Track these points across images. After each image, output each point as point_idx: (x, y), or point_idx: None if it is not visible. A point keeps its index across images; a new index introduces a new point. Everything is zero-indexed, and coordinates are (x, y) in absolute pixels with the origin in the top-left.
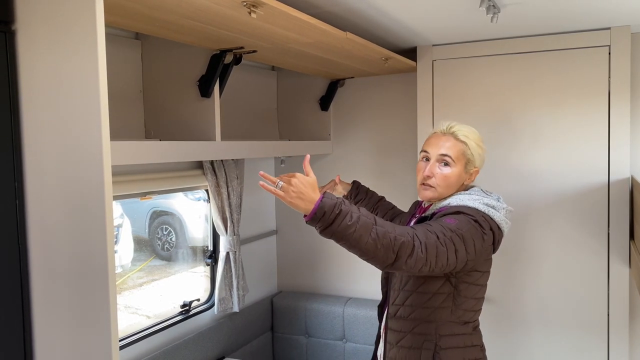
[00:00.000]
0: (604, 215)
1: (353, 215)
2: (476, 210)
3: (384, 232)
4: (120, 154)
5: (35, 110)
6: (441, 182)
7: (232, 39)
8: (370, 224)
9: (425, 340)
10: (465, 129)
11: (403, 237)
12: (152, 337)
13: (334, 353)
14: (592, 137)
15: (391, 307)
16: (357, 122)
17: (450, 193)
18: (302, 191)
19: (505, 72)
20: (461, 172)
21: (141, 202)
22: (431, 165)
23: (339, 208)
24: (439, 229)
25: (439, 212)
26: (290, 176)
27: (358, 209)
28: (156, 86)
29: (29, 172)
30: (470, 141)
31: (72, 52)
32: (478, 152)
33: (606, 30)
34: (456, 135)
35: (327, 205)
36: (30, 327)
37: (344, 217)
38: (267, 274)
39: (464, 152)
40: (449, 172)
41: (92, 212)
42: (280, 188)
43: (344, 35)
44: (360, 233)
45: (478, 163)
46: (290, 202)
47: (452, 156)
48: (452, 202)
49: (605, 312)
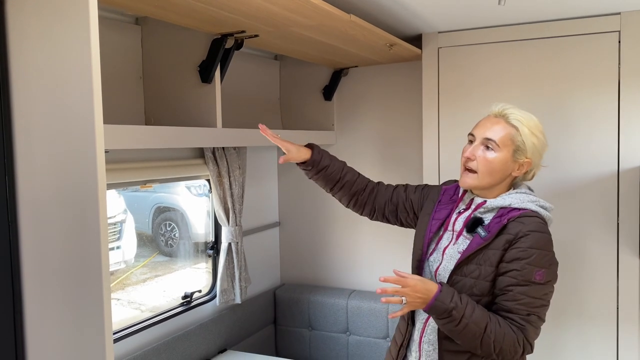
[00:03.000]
0: (613, 204)
1: (461, 322)
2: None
3: (489, 342)
4: (118, 138)
5: (25, 87)
6: (483, 166)
7: (233, 22)
8: (478, 333)
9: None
10: (522, 113)
11: (509, 345)
12: (154, 328)
13: (338, 346)
14: (601, 126)
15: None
16: (361, 112)
17: (494, 182)
18: (419, 291)
19: (511, 60)
20: (507, 159)
21: (145, 198)
22: (474, 147)
23: (448, 314)
24: (539, 309)
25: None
26: (404, 285)
27: (472, 313)
28: (156, 72)
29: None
30: (523, 127)
31: (63, 23)
32: (532, 141)
33: (616, 16)
34: (507, 118)
35: (439, 309)
36: (21, 312)
37: (450, 322)
38: (270, 266)
39: (513, 137)
40: (492, 157)
41: (85, 195)
42: (405, 303)
43: (348, 18)
44: (463, 337)
45: (530, 153)
46: (415, 306)
47: (497, 140)
48: (513, 203)
49: (614, 302)
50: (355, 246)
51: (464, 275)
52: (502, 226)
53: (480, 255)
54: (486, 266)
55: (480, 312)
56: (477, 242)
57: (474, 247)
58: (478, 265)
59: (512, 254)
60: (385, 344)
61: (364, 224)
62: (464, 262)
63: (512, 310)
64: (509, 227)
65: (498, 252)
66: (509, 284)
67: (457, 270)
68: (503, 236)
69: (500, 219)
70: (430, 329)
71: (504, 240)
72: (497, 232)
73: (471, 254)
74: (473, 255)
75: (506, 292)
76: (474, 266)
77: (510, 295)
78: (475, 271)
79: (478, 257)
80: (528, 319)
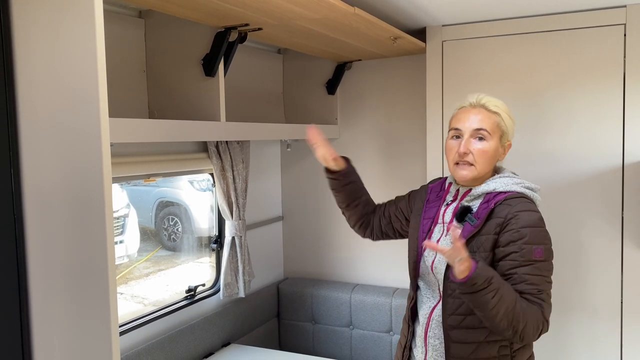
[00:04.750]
0: (617, 198)
1: (497, 293)
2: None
3: (518, 317)
4: (122, 132)
5: (31, 81)
6: (480, 157)
7: (236, 15)
8: (510, 307)
9: (501, 345)
10: (494, 99)
11: (533, 322)
12: (158, 321)
13: (341, 340)
14: (605, 119)
15: (450, 317)
16: (365, 106)
17: (490, 169)
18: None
19: (516, 53)
20: (497, 146)
21: (147, 192)
22: (466, 141)
23: (488, 282)
24: (546, 285)
25: (491, 202)
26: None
27: (504, 285)
28: (160, 65)
29: (24, 147)
30: (502, 112)
31: (68, 16)
32: (510, 124)
33: (622, 8)
34: (487, 107)
35: (481, 276)
36: (27, 305)
37: (488, 293)
38: (273, 260)
39: (499, 124)
40: (486, 147)
41: (91, 188)
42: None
43: (352, 11)
44: (495, 311)
45: (511, 136)
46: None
47: (488, 129)
48: (497, 187)
49: (618, 296)
50: (358, 240)
51: None
52: (490, 210)
53: (473, 242)
54: (480, 252)
55: (509, 287)
56: (468, 230)
57: (466, 235)
58: (472, 253)
59: (507, 237)
60: (389, 338)
61: None
62: None
63: (522, 291)
64: (497, 211)
65: (490, 236)
66: (511, 267)
67: None
68: (493, 220)
69: (488, 204)
70: (435, 322)
71: (494, 225)
72: (486, 217)
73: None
74: (466, 243)
75: (510, 275)
76: (468, 254)
77: (516, 278)
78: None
79: (471, 245)
80: (540, 296)
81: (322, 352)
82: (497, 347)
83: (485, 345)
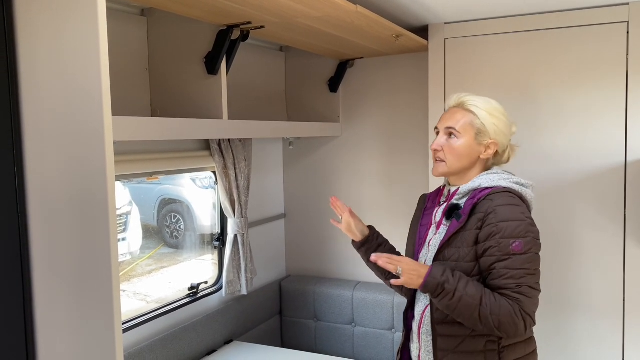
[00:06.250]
0: (620, 196)
1: (455, 295)
2: (515, 196)
3: (486, 314)
4: (124, 130)
5: (34, 80)
6: (449, 154)
7: (239, 13)
8: (473, 306)
9: (488, 340)
10: (478, 99)
11: (506, 317)
12: (160, 319)
13: (343, 337)
14: (608, 117)
15: (437, 312)
16: (367, 104)
17: (463, 166)
18: (413, 267)
19: (518, 51)
20: (470, 143)
21: (150, 190)
22: (438, 139)
23: (441, 288)
24: (528, 278)
25: (475, 198)
26: (396, 261)
27: (465, 286)
28: (162, 63)
29: (28, 146)
30: (480, 110)
31: (71, 15)
32: (492, 122)
33: (625, 6)
34: (464, 105)
35: (431, 285)
36: (31, 303)
37: (445, 297)
38: (276, 257)
39: (472, 121)
40: (456, 144)
41: (94, 186)
42: (400, 272)
43: (354, 9)
44: (460, 312)
45: (494, 134)
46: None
47: (457, 127)
48: (482, 184)
49: (620, 295)
50: None
51: (446, 259)
52: (474, 206)
53: (458, 238)
54: (464, 247)
55: (474, 286)
56: (454, 226)
57: (452, 231)
58: (457, 248)
59: (485, 232)
60: (391, 336)
61: (368, 216)
62: (445, 247)
63: (501, 286)
64: (479, 206)
65: (472, 232)
66: (490, 262)
67: (439, 255)
68: (475, 216)
69: (472, 200)
70: (427, 318)
71: (476, 220)
72: (469, 212)
73: (450, 237)
74: (452, 239)
75: (491, 271)
76: (453, 250)
77: (495, 273)
78: (455, 254)
79: (456, 240)
80: (519, 290)
81: (324, 349)
82: (483, 341)
83: (471, 340)
